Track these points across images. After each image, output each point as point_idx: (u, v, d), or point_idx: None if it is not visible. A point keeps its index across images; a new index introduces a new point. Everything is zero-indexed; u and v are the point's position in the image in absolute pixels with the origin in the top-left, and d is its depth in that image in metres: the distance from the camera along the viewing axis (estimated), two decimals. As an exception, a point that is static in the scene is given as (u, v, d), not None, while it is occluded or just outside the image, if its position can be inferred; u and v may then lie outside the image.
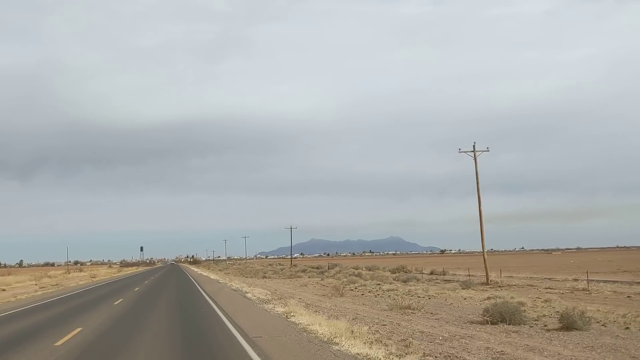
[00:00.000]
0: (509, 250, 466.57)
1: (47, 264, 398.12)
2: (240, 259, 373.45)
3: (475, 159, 53.89)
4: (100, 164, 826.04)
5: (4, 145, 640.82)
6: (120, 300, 34.92)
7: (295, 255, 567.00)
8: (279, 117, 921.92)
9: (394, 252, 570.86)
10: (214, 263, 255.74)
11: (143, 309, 28.52)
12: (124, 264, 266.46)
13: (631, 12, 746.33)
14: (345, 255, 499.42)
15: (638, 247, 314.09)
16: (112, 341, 16.85)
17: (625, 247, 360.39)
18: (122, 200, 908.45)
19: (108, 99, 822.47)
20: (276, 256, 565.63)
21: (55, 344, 16.12)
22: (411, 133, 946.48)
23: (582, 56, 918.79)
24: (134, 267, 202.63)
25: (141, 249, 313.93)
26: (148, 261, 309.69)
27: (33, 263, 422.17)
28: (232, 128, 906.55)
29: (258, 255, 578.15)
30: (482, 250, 56.22)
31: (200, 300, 33.30)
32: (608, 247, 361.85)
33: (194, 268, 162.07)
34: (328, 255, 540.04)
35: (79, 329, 19.59)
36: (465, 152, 54.75)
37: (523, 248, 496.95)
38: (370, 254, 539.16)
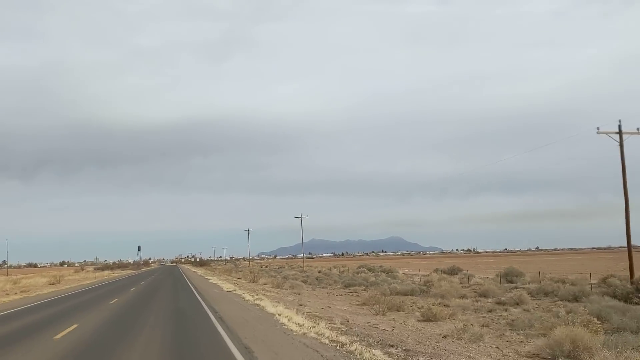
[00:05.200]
0: (525, 251, 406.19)
1: (30, 265, 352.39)
2: (245, 259, 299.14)
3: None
4: (103, 164, 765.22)
5: (6, 147, 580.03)
6: None
7: (301, 255, 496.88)
8: (282, 117, 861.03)
9: (406, 252, 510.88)
10: (225, 263, 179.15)
11: None
12: (108, 266, 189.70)
13: (638, 11, 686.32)
14: (361, 256, 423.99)
15: None
16: None
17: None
18: (123, 200, 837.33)
19: (111, 100, 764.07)
20: (281, 256, 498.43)
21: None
22: (414, 133, 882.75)
23: (588, 56, 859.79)
24: (108, 272, 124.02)
25: (138, 248, 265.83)
26: (141, 262, 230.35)
27: (14, 264, 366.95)
28: (235, 128, 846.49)
29: (263, 256, 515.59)
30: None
31: None
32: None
33: (207, 276, 76.18)
34: (342, 255, 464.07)
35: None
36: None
37: (538, 248, 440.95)
38: (384, 254, 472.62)
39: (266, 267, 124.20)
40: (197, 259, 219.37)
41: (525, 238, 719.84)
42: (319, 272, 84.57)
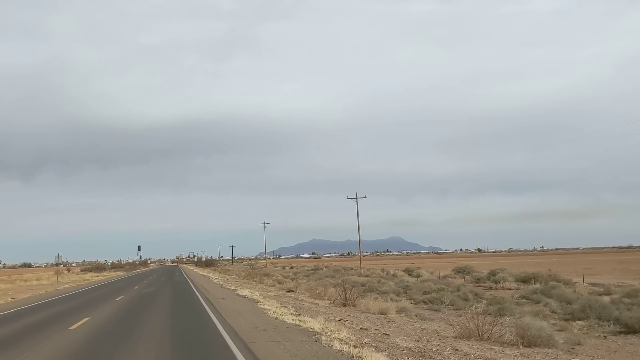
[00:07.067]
0: (529, 250, 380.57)
1: (24, 265, 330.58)
2: (251, 259, 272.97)
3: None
4: (104, 163, 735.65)
5: (6, 145, 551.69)
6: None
7: (306, 255, 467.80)
8: (285, 117, 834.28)
9: (411, 252, 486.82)
10: (232, 263, 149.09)
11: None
12: (99, 266, 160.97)
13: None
14: (369, 256, 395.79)
15: None
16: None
17: None
18: (124, 200, 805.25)
19: (112, 98, 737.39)
20: (284, 256, 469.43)
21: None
22: (417, 132, 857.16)
23: (591, 54, 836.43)
24: (92, 274, 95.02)
25: (138, 248, 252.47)
26: (137, 262, 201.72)
27: (8, 264, 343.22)
28: (237, 127, 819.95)
29: (266, 255, 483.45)
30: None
31: None
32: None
33: (236, 288, 36.72)
34: (348, 254, 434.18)
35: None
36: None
37: (543, 247, 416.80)
38: (389, 253, 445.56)
39: (290, 268, 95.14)
40: (203, 259, 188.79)
41: (527, 238, 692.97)
42: (392, 274, 55.89)
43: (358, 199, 66.20)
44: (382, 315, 21.08)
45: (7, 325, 16.03)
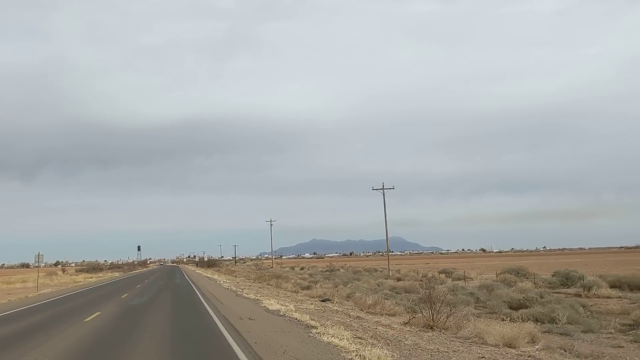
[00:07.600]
0: (533, 250, 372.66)
1: (22, 265, 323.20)
2: (253, 259, 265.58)
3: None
4: (104, 163, 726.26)
5: (7, 145, 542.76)
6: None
7: (307, 255, 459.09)
8: (285, 117, 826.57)
9: (414, 252, 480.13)
10: (235, 263, 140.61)
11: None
12: (97, 267, 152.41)
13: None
14: (372, 256, 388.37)
15: None
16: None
17: None
18: (124, 200, 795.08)
19: (113, 98, 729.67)
20: (286, 256, 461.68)
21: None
22: (417, 132, 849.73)
23: (592, 55, 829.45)
24: (85, 275, 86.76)
25: (138, 248, 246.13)
26: (136, 262, 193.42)
27: (7, 265, 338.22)
28: (237, 127, 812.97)
29: (266, 255, 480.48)
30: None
31: None
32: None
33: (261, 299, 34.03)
34: (350, 254, 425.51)
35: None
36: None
37: (545, 247, 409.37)
38: (391, 253, 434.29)
39: (301, 269, 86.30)
40: (205, 259, 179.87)
41: (528, 238, 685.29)
42: (430, 276, 47.52)
43: (385, 190, 57.69)
44: (513, 350, 12.85)
45: None
